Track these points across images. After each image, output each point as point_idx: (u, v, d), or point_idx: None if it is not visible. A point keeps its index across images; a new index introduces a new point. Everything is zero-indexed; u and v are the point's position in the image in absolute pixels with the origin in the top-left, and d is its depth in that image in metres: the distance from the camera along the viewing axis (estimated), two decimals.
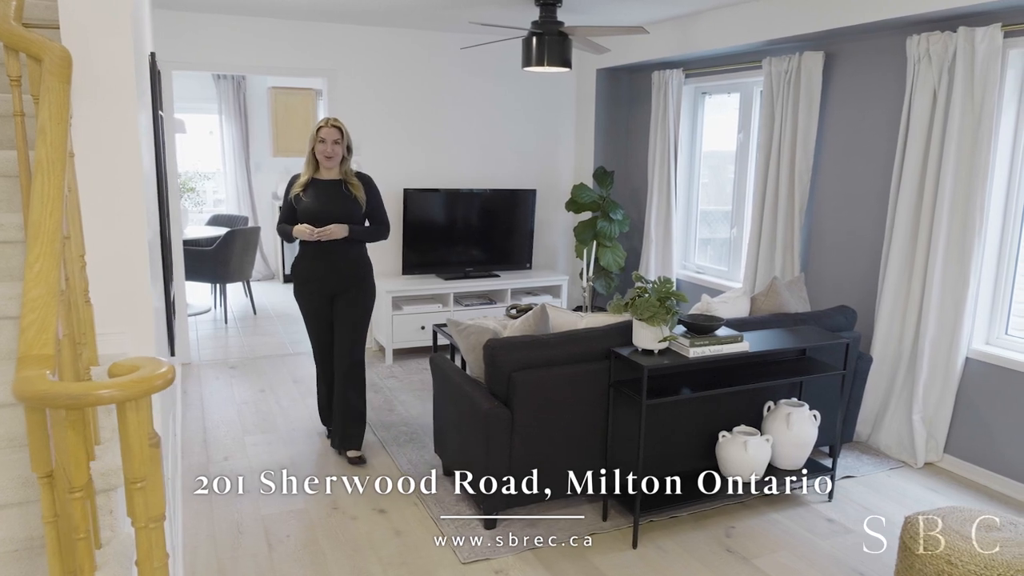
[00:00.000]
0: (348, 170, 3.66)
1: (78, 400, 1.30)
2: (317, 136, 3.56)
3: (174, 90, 8.08)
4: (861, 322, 4.04)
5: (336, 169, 3.63)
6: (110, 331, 2.17)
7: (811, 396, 3.57)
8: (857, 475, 3.72)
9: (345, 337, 3.72)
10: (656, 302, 2.95)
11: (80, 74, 2.02)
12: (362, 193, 3.65)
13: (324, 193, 3.61)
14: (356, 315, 3.72)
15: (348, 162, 3.65)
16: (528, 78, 5.97)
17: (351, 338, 3.73)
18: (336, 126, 3.56)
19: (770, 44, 4.51)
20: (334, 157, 3.55)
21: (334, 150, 3.54)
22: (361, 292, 3.73)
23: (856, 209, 4.26)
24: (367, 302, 3.77)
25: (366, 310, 3.77)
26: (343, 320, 3.71)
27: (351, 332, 3.73)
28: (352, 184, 3.64)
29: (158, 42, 4.88)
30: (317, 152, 3.56)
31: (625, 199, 6.13)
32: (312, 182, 3.63)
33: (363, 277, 3.73)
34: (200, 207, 8.44)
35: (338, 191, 3.63)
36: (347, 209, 3.62)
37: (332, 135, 3.54)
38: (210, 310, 7.06)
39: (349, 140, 3.62)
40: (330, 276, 3.66)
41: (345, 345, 3.72)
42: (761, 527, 3.22)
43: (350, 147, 3.64)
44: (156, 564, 1.53)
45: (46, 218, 1.59)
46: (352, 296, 3.70)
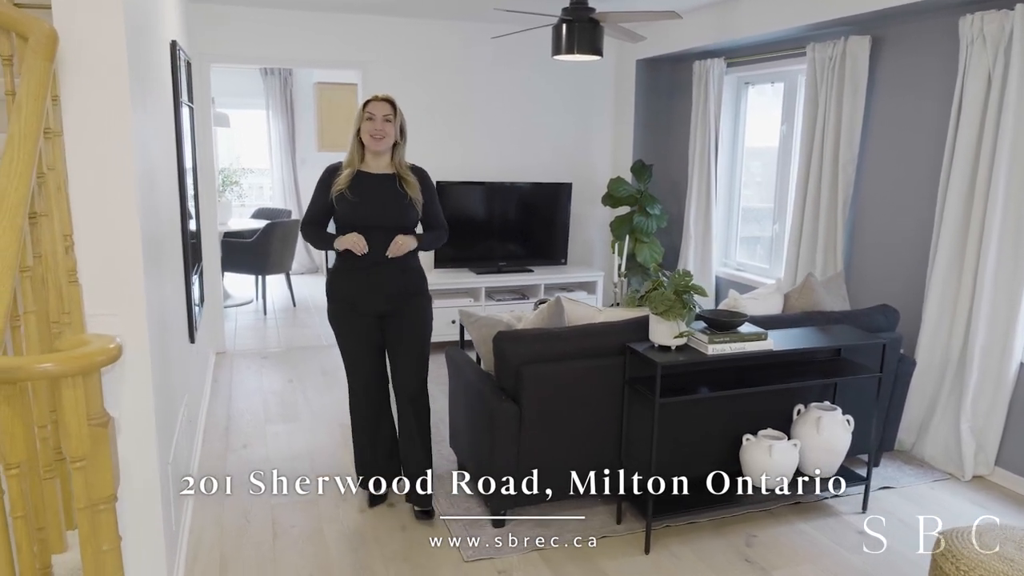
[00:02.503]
0: (402, 161, 2.99)
1: (10, 374, 1.26)
2: (364, 113, 2.90)
3: (223, 85, 8.27)
4: (905, 323, 3.79)
5: (387, 158, 2.96)
6: (101, 312, 2.16)
7: (847, 400, 3.36)
8: (896, 486, 3.48)
9: (407, 366, 3.04)
10: (672, 295, 2.80)
11: (69, 53, 2.01)
12: (418, 192, 2.97)
13: (373, 191, 2.92)
14: (417, 337, 3.05)
15: (402, 151, 2.99)
16: (565, 69, 5.85)
17: (415, 366, 3.05)
18: (387, 99, 2.92)
19: (814, 29, 4.29)
20: (385, 137, 2.88)
21: (384, 128, 2.88)
22: (419, 309, 3.05)
23: (903, 203, 4.00)
24: (427, 319, 3.09)
25: (427, 330, 3.09)
26: (403, 345, 3.03)
27: (414, 359, 3.05)
28: (407, 181, 2.96)
29: (196, 36, 4.95)
30: (364, 133, 2.89)
31: (664, 194, 5.94)
32: (357, 176, 2.95)
33: (419, 290, 3.07)
34: (242, 200, 8.60)
35: (391, 189, 2.95)
36: (402, 212, 2.94)
37: (382, 109, 2.88)
38: (252, 301, 7.16)
39: (403, 121, 2.97)
40: (380, 293, 2.97)
41: (408, 377, 3.05)
42: (785, 537, 3.04)
43: (404, 130, 2.98)
44: (106, 547, 1.49)
45: (10, 192, 1.57)
46: (409, 315, 3.02)
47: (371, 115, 2.88)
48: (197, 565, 2.76)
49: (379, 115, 2.88)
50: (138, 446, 2.27)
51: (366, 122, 2.89)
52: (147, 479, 2.30)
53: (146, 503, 2.31)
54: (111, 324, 2.18)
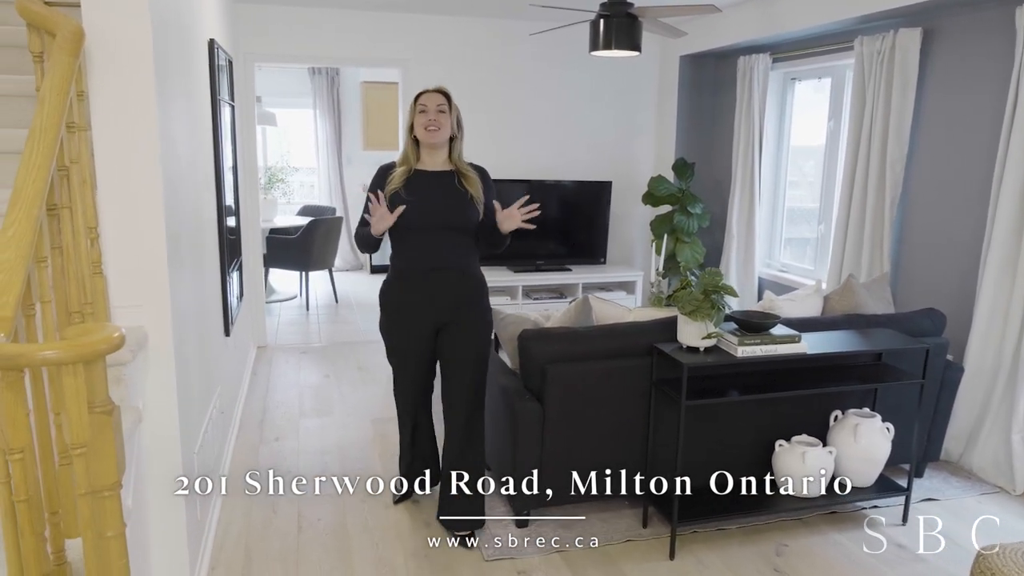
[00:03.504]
0: (461, 157, 2.81)
1: (12, 361, 1.29)
2: (416, 105, 2.72)
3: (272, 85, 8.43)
4: (954, 328, 3.63)
5: (443, 154, 2.78)
6: (126, 304, 2.21)
7: (888, 407, 3.23)
8: (941, 498, 3.33)
9: (464, 379, 2.81)
10: (700, 296, 2.73)
11: (97, 49, 2.06)
12: (479, 189, 2.76)
13: (429, 189, 2.73)
14: (476, 348, 2.81)
15: (460, 146, 2.81)
16: (607, 66, 5.78)
17: (472, 380, 2.82)
18: (440, 90, 2.75)
19: (863, 21, 4.14)
20: (440, 129, 2.70)
21: (439, 119, 2.69)
22: (478, 319, 2.83)
23: (954, 202, 3.82)
24: (487, 330, 2.87)
25: (486, 345, 2.86)
26: (460, 357, 2.80)
27: (472, 372, 2.81)
28: (467, 177, 2.76)
29: (240, 36, 5.05)
30: (417, 126, 2.71)
31: (707, 193, 5.82)
32: (412, 175, 2.76)
33: (479, 299, 2.84)
34: (288, 197, 8.77)
35: (449, 187, 2.75)
36: (461, 211, 2.74)
37: (435, 100, 2.71)
38: (296, 297, 7.29)
39: (459, 114, 2.79)
40: (438, 301, 2.76)
41: (464, 391, 2.81)
42: (818, 547, 2.93)
43: (461, 123, 2.80)
44: (110, 533, 1.51)
45: (28, 185, 1.61)
46: (469, 324, 2.80)
47: (424, 107, 2.71)
48: (223, 555, 2.80)
49: (432, 106, 2.70)
50: (161, 435, 2.32)
51: (419, 115, 2.71)
52: (169, 468, 2.35)
53: (168, 491, 2.36)
54: (138, 315, 2.23)
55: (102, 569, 1.48)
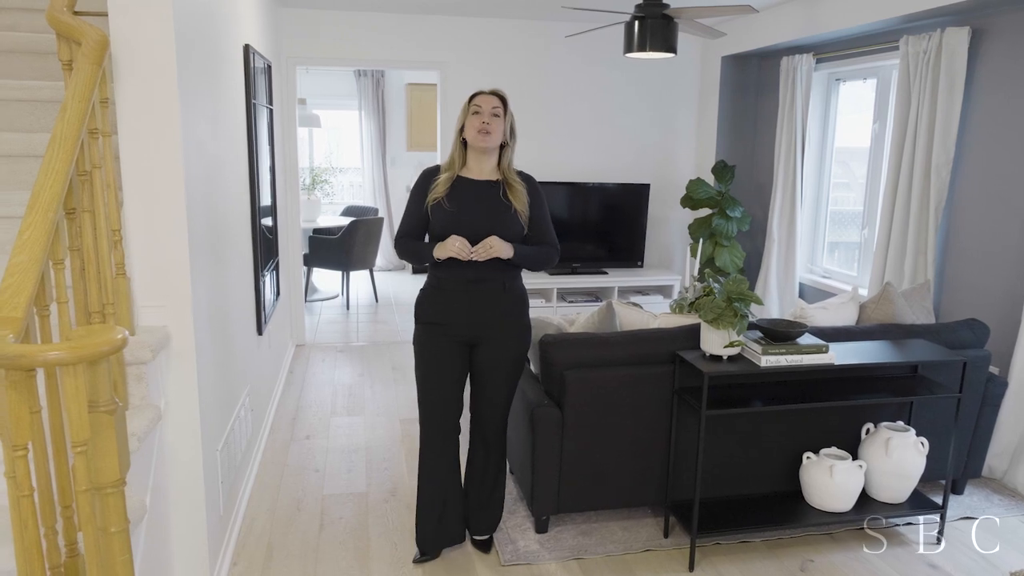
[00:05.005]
0: (510, 167, 2.64)
1: (15, 361, 1.34)
2: (470, 106, 2.57)
3: (319, 87, 8.59)
4: (998, 340, 3.47)
5: (492, 162, 2.62)
6: (150, 304, 2.28)
7: (925, 422, 3.12)
8: (980, 516, 3.19)
9: (495, 396, 2.70)
10: (723, 303, 2.67)
11: (123, 57, 2.12)
12: (524, 202, 2.61)
13: (472, 200, 2.58)
14: (511, 367, 2.68)
15: (510, 155, 2.64)
16: (646, 67, 5.72)
17: (502, 398, 2.71)
18: (496, 93, 2.59)
19: (908, 20, 3.99)
20: (492, 133, 2.53)
21: (493, 123, 2.53)
22: (516, 335, 2.67)
23: (1002, 209, 3.66)
24: (524, 348, 2.71)
25: (521, 362, 2.72)
26: (493, 374, 2.67)
27: (503, 390, 2.70)
28: (513, 188, 2.60)
29: (282, 40, 5.16)
30: (468, 128, 2.56)
31: (748, 196, 5.71)
32: (456, 182, 2.61)
33: (520, 315, 2.69)
34: (330, 198, 8.93)
35: (493, 197, 2.59)
36: (504, 224, 2.57)
37: (491, 103, 2.54)
38: (337, 296, 7.41)
39: (513, 121, 2.63)
40: (476, 315, 2.61)
41: (494, 408, 2.72)
42: (846, 565, 2.84)
43: (514, 130, 2.63)
44: (113, 528, 1.56)
45: (45, 189, 1.67)
46: (505, 341, 2.65)
47: (478, 108, 2.54)
48: (244, 550, 2.86)
49: (487, 108, 2.54)
50: (183, 433, 2.38)
51: (472, 116, 2.55)
52: (191, 464, 2.41)
53: (190, 487, 2.42)
54: (159, 316, 2.29)
55: (104, 564, 1.52)
